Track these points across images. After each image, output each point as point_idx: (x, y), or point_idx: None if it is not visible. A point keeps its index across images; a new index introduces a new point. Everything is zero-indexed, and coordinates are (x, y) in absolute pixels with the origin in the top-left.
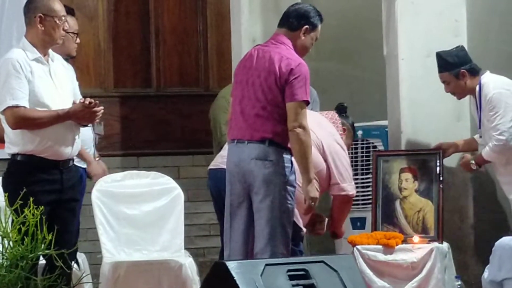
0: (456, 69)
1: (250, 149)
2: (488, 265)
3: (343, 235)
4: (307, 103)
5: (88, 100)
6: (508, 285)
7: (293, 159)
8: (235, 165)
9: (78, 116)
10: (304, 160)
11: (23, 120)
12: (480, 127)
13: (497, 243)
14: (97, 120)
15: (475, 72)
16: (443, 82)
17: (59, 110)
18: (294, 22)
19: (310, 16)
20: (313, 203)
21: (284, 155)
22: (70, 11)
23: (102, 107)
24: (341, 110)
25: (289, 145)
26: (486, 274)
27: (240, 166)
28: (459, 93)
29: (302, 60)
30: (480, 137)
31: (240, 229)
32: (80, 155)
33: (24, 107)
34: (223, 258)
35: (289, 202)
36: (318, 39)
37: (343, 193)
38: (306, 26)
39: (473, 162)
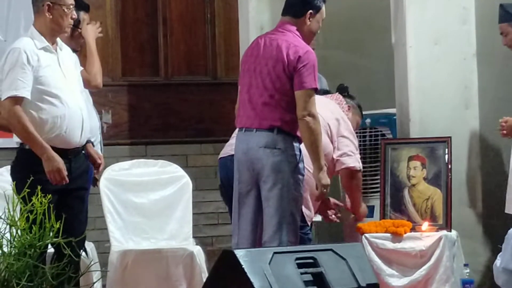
0: None
1: (258, 137)
2: (501, 253)
3: (362, 218)
4: (315, 90)
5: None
6: None
7: (301, 146)
8: (243, 153)
9: (48, 164)
10: (315, 148)
11: (13, 117)
12: None
13: (510, 230)
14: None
15: None
16: (501, 33)
17: (45, 145)
18: (297, 9)
19: (312, 0)
20: (325, 190)
21: (293, 143)
22: (85, 8)
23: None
24: (342, 90)
25: (298, 133)
26: (498, 262)
27: (249, 154)
28: None
29: (310, 47)
30: None
31: (249, 217)
32: None
33: (24, 97)
34: None
35: (297, 190)
36: (325, 25)
37: (344, 166)
38: (311, 11)
39: None
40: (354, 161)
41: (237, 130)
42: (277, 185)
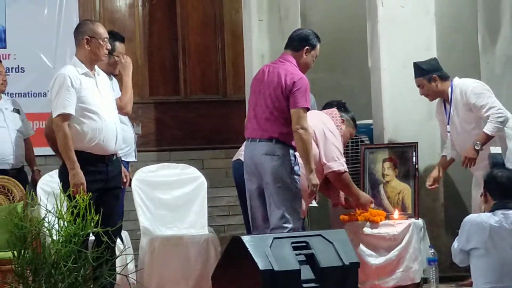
0: (429, 74)
1: (261, 146)
2: (457, 237)
3: (367, 206)
4: (307, 109)
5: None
6: (474, 253)
7: (296, 153)
8: (250, 158)
9: (73, 178)
10: (306, 154)
11: (61, 132)
12: (448, 123)
13: (465, 219)
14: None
15: (444, 77)
16: (418, 86)
17: (76, 163)
18: (297, 44)
19: (309, 39)
20: (314, 189)
21: (289, 151)
22: (121, 39)
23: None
24: (339, 105)
25: (293, 143)
26: (456, 244)
27: (254, 160)
28: (431, 95)
29: (304, 75)
30: (448, 132)
31: (260, 208)
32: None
33: (71, 114)
34: (250, 232)
35: (295, 186)
36: (318, 56)
37: (330, 170)
38: (307, 47)
39: (477, 143)
40: (339, 165)
41: None
42: (276, 184)
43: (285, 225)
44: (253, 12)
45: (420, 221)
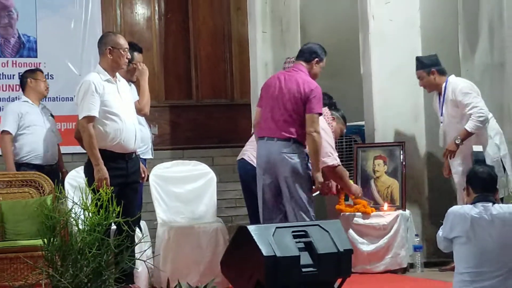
0: (429, 68)
1: (279, 145)
2: (442, 226)
3: (357, 195)
4: (320, 114)
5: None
6: (457, 241)
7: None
8: (265, 156)
9: (97, 173)
10: (316, 155)
11: (86, 132)
12: (442, 114)
13: (449, 210)
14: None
15: (442, 72)
16: (418, 78)
17: (100, 159)
18: (308, 56)
19: (318, 52)
20: (320, 185)
21: (303, 150)
22: (139, 50)
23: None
24: (330, 105)
25: (305, 143)
26: (440, 232)
27: (269, 157)
28: (429, 86)
29: (316, 83)
30: (441, 122)
31: (271, 200)
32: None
33: (95, 116)
34: (254, 222)
35: (309, 180)
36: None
37: (325, 165)
38: (316, 59)
39: (458, 137)
40: (332, 159)
41: (251, 139)
42: (296, 178)
43: (310, 208)
44: (257, 25)
45: (407, 212)
